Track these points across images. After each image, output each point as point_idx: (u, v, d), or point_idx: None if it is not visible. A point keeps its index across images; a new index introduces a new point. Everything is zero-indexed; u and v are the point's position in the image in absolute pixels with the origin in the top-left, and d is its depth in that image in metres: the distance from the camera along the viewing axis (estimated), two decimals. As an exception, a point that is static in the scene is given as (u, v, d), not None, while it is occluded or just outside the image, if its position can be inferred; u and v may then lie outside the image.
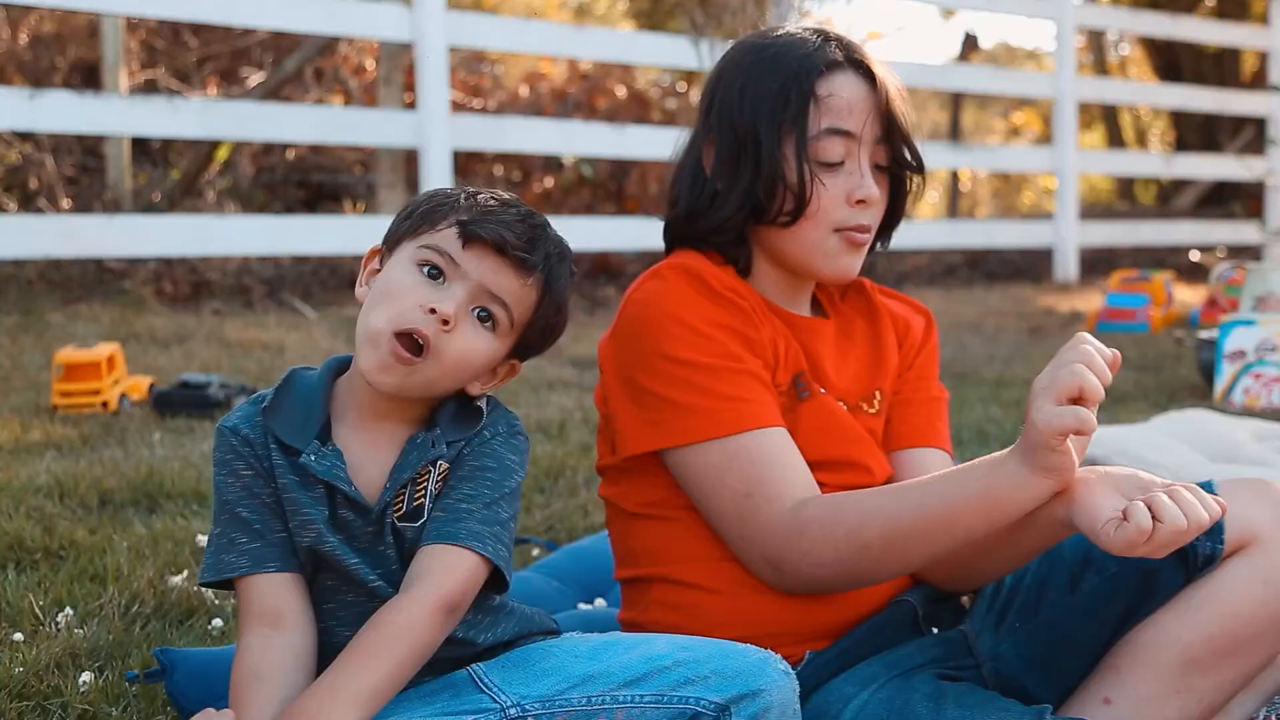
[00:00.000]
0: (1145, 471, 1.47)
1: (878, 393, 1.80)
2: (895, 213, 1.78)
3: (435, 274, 1.48)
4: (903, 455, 1.79)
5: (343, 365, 1.57)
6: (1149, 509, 1.38)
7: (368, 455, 1.51)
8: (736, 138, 1.70)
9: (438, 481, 1.51)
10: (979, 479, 1.49)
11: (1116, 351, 1.45)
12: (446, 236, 1.48)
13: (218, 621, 2.06)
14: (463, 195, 1.53)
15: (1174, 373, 4.96)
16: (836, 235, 1.70)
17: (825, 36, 1.72)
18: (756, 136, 1.68)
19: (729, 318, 1.65)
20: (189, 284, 6.55)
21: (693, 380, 1.62)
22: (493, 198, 1.53)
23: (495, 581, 1.49)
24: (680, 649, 1.42)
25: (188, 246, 5.87)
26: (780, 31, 1.74)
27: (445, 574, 1.43)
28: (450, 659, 1.49)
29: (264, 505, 1.49)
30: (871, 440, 1.77)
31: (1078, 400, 1.40)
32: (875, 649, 1.66)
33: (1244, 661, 1.62)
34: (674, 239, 1.78)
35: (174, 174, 8.01)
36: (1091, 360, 1.41)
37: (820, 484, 1.65)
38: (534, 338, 1.56)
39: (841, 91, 1.68)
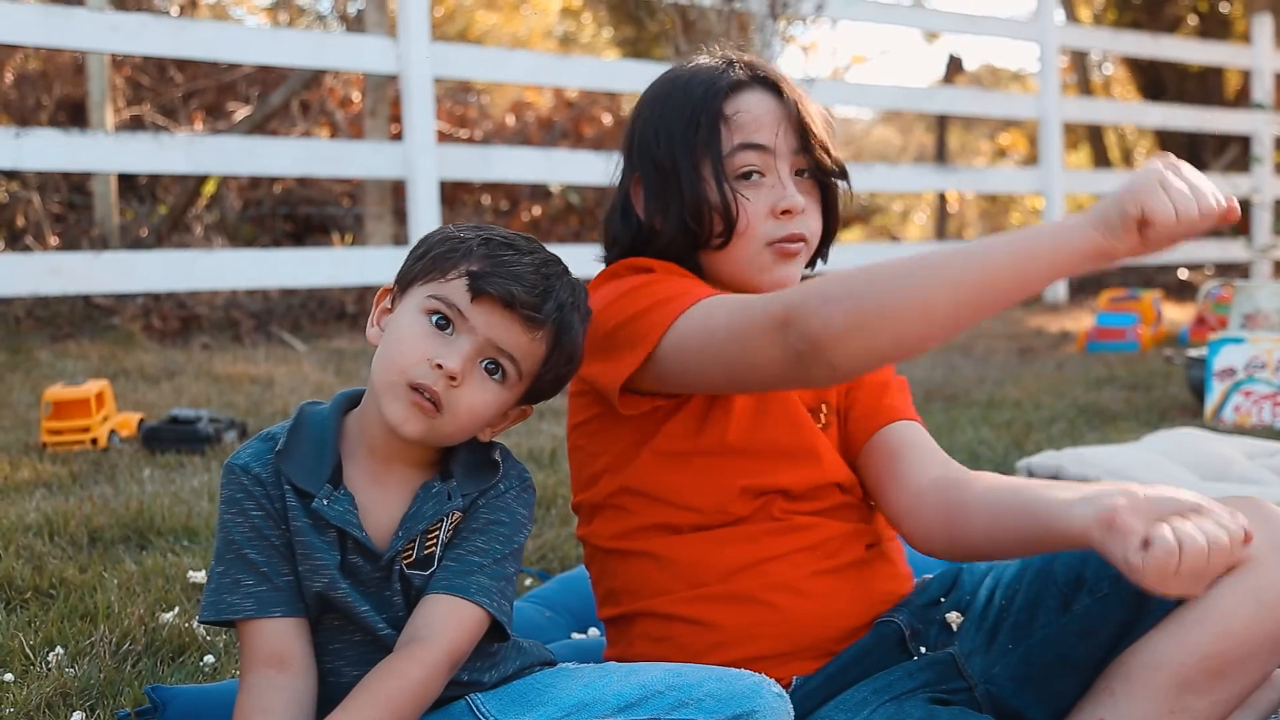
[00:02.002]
0: (1190, 492, 1.42)
1: (824, 405, 1.80)
2: (830, 223, 1.79)
3: (443, 324, 1.47)
4: (878, 439, 1.78)
5: (353, 401, 1.56)
6: (1173, 534, 1.34)
7: (376, 498, 1.50)
8: (658, 170, 1.73)
9: (449, 531, 1.51)
10: (1027, 229, 1.43)
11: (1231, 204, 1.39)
12: (456, 287, 1.47)
13: (209, 658, 2.05)
14: (477, 241, 1.50)
15: (1164, 391, 4.97)
16: (769, 249, 1.72)
17: (730, 61, 1.77)
18: (675, 165, 1.71)
19: (673, 272, 1.70)
20: (177, 319, 6.54)
21: (650, 289, 1.63)
22: (507, 244, 1.51)
23: (496, 630, 1.50)
24: (674, 674, 1.42)
25: (176, 281, 5.87)
26: (690, 64, 1.80)
27: (456, 629, 1.44)
28: (452, 697, 1.50)
29: (272, 548, 1.47)
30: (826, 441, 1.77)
31: (1145, 224, 1.37)
32: (863, 673, 1.66)
33: (1238, 681, 1.61)
34: None
35: (161, 209, 8.01)
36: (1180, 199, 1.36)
37: (780, 472, 1.68)
38: (545, 385, 1.55)
39: (748, 107, 1.72)
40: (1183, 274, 10.73)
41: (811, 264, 1.79)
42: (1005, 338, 7.23)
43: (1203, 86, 13.01)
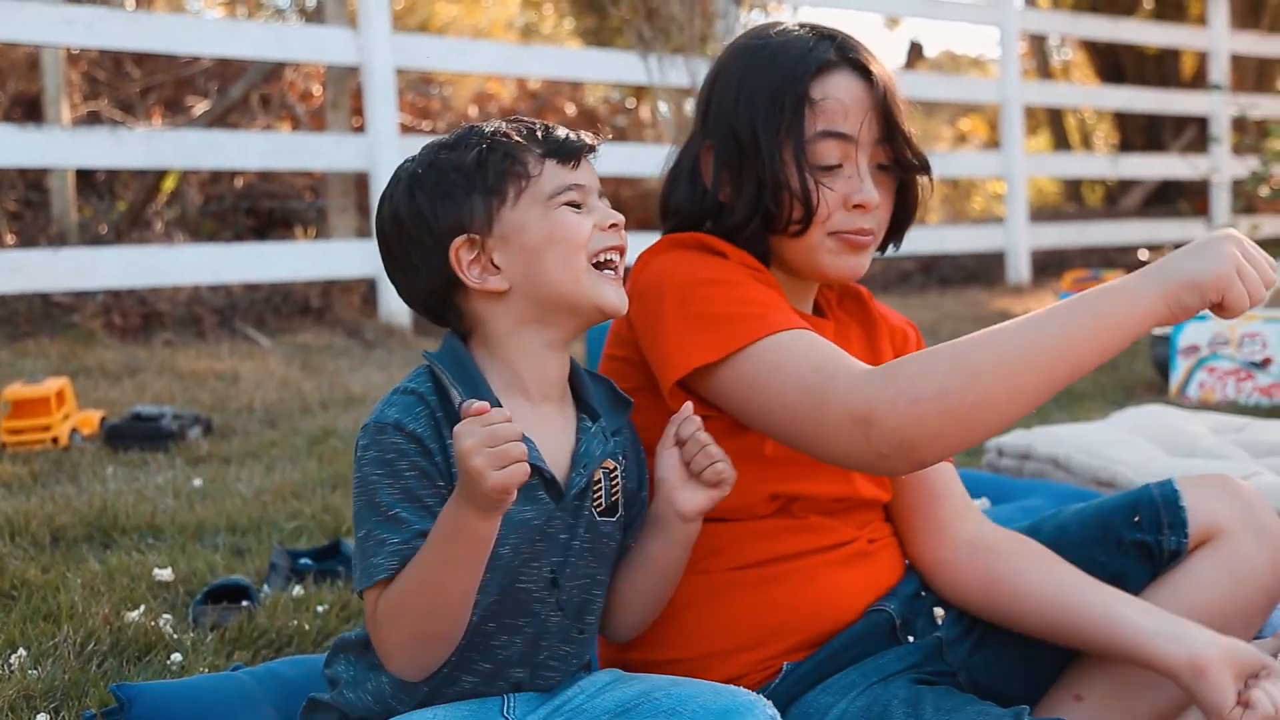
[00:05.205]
0: (1253, 649, 1.51)
1: None
2: (905, 214, 1.73)
3: (578, 206, 1.48)
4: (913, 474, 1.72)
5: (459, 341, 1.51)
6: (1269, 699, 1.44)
7: (536, 436, 1.44)
8: (737, 144, 1.65)
9: (625, 475, 1.53)
10: (1094, 298, 1.49)
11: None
12: (553, 173, 1.48)
13: (176, 656, 2.02)
14: (497, 138, 1.51)
15: (1129, 369, 4.99)
16: (834, 238, 1.65)
17: (820, 34, 1.67)
18: (756, 143, 1.63)
19: (749, 269, 1.63)
20: (139, 316, 6.47)
21: (737, 291, 1.57)
22: (503, 130, 1.53)
23: None
24: (672, 684, 1.45)
25: (136, 278, 5.81)
26: (776, 29, 1.69)
27: None
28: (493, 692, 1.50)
29: (424, 508, 1.38)
30: None
31: (1218, 306, 1.46)
32: (853, 660, 1.64)
33: (1214, 654, 1.62)
34: None
35: (120, 206, 7.93)
36: (1245, 274, 1.46)
37: (810, 480, 1.64)
38: None
39: (836, 93, 1.64)
40: (1143, 254, 10.79)
41: (883, 248, 1.74)
42: (971, 320, 7.25)
43: (1160, 69, 13.08)
